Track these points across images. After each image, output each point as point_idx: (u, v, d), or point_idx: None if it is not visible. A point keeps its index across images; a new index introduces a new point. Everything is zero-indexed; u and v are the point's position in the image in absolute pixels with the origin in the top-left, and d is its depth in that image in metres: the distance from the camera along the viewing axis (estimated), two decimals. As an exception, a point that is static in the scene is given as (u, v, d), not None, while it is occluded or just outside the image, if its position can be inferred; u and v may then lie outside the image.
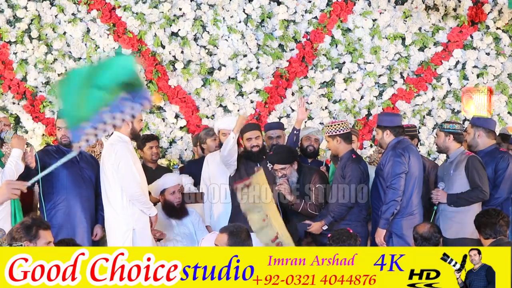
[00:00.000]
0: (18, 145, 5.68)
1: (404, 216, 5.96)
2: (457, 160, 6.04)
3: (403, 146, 6.04)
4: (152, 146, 7.06)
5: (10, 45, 8.10)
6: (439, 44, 8.60)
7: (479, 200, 5.97)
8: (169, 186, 6.25)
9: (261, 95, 8.38)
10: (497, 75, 8.62)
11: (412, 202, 5.99)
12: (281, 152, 6.20)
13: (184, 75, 8.28)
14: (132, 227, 5.68)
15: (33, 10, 8.07)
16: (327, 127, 6.15)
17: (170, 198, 6.23)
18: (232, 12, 8.38)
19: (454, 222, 5.92)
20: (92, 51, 8.17)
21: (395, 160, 5.93)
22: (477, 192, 5.92)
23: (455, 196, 5.95)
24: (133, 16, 8.21)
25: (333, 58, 8.49)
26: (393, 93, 8.56)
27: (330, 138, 6.10)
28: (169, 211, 6.27)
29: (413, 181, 5.99)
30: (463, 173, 5.98)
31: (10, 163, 5.56)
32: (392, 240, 5.96)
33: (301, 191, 6.12)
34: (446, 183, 6.06)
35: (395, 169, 5.90)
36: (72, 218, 5.98)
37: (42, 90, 8.14)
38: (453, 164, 6.05)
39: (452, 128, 6.12)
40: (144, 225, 5.74)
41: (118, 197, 5.70)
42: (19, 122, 8.10)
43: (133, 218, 5.68)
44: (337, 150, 6.12)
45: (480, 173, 5.95)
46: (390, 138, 6.10)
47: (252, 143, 6.34)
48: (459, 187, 6.00)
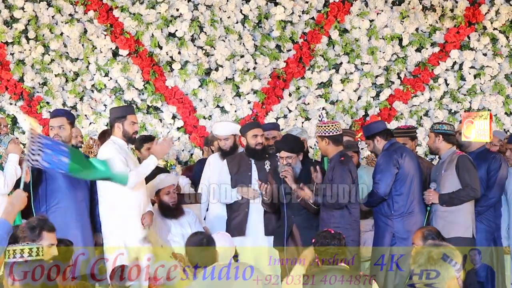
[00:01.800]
0: (15, 150, 5.69)
1: (404, 216, 5.98)
2: (448, 160, 6.07)
3: (395, 147, 6.09)
4: (150, 147, 7.05)
5: (7, 46, 8.09)
6: (436, 44, 8.61)
7: (470, 199, 6.01)
8: (163, 186, 6.23)
9: (258, 96, 8.38)
10: (494, 75, 8.64)
11: (410, 201, 6.01)
12: (289, 140, 6.18)
13: (181, 76, 8.28)
14: (123, 241, 5.70)
15: (30, 10, 8.07)
16: (317, 127, 6.12)
17: (165, 198, 6.20)
18: (229, 13, 8.38)
19: (447, 221, 5.95)
20: (89, 52, 8.16)
21: (385, 161, 5.99)
22: (468, 191, 5.95)
23: (446, 196, 5.98)
24: (130, 16, 8.21)
25: (330, 58, 8.50)
26: (390, 93, 8.57)
27: (320, 138, 6.09)
28: (164, 211, 6.25)
29: (409, 180, 6.01)
30: (454, 173, 6.01)
31: (10, 168, 5.57)
32: (396, 242, 5.97)
33: (303, 183, 6.07)
34: (438, 184, 6.09)
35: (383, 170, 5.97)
36: (67, 220, 5.95)
37: (39, 91, 8.13)
38: (444, 164, 6.09)
39: (442, 128, 6.16)
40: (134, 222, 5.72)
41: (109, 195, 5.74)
42: (16, 123, 8.09)
43: (124, 234, 5.71)
44: (326, 151, 6.10)
45: (470, 172, 5.98)
46: (381, 144, 6.15)
47: (257, 140, 6.34)
48: (450, 186, 6.02)
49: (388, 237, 6.00)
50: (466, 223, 5.96)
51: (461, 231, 5.91)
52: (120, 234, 5.68)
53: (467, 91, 8.62)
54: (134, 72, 8.22)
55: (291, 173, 6.01)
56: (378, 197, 6.02)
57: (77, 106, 8.16)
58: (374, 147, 6.21)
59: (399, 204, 6.00)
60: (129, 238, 5.67)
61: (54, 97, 8.08)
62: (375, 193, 6.03)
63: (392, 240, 5.98)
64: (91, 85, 8.21)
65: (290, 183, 6.01)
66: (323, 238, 4.78)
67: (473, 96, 8.59)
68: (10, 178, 5.54)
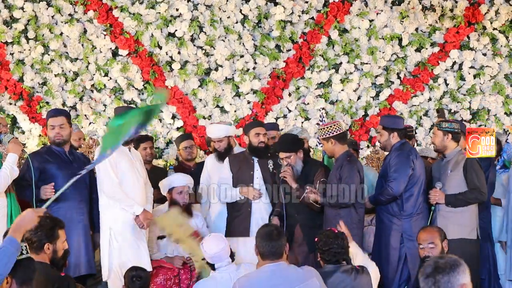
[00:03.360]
0: (14, 150, 5.66)
1: (413, 217, 5.97)
2: (455, 160, 6.01)
3: (408, 149, 6.05)
4: (146, 147, 7.04)
5: (7, 46, 8.09)
6: (436, 44, 8.61)
7: (477, 202, 5.95)
8: (177, 185, 6.25)
9: (257, 96, 8.38)
10: (494, 75, 8.64)
11: (418, 202, 6.00)
12: (286, 140, 6.16)
13: (181, 76, 8.28)
14: (109, 226, 5.71)
15: (30, 10, 8.07)
16: (320, 130, 6.09)
17: (176, 197, 6.23)
18: (229, 13, 8.38)
19: (452, 223, 5.89)
20: (89, 52, 8.16)
21: (402, 161, 5.95)
22: (475, 194, 5.89)
23: (453, 196, 5.92)
24: (130, 16, 8.21)
25: (330, 58, 8.50)
26: (390, 93, 8.57)
27: (324, 140, 6.04)
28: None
29: (420, 182, 6.00)
30: (460, 174, 5.96)
31: (5, 168, 5.53)
32: (404, 243, 5.96)
33: (305, 182, 6.08)
34: (442, 183, 6.05)
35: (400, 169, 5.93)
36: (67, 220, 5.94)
37: (38, 91, 8.13)
38: (450, 164, 6.02)
39: (451, 127, 6.08)
40: (124, 228, 5.71)
41: (102, 198, 5.78)
42: (15, 123, 8.09)
43: (112, 218, 5.72)
44: (332, 151, 6.08)
45: (478, 174, 5.93)
46: (395, 140, 6.08)
47: (259, 139, 6.34)
48: (456, 187, 5.97)
49: (397, 236, 5.98)
50: (471, 225, 5.90)
51: (466, 232, 5.86)
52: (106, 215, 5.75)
53: (466, 91, 8.62)
54: (133, 72, 8.22)
55: (290, 173, 6.00)
56: (391, 195, 5.92)
57: (76, 106, 8.17)
58: (387, 140, 6.11)
59: (409, 205, 5.97)
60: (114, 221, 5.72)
61: (54, 97, 8.08)
62: (389, 191, 5.93)
63: (401, 241, 5.97)
64: (90, 85, 8.21)
65: (290, 183, 5.99)
66: (326, 237, 4.78)
67: (472, 96, 8.59)
68: (4, 179, 5.50)
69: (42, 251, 4.07)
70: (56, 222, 4.17)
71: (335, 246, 4.70)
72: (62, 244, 4.17)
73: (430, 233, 5.09)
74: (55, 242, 4.11)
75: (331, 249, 4.69)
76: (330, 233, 4.80)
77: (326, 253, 4.70)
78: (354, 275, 4.59)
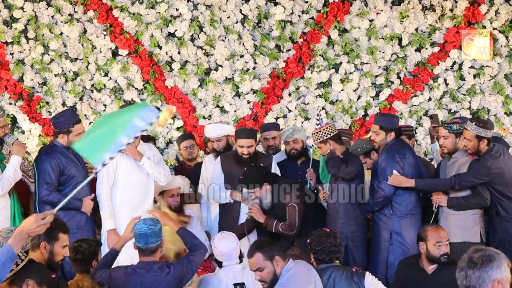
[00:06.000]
0: (18, 152, 5.63)
1: (403, 216, 5.96)
2: (460, 161, 5.94)
3: (399, 146, 6.03)
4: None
5: (7, 46, 8.09)
6: (436, 44, 8.61)
7: (479, 207, 5.89)
8: (169, 188, 6.24)
9: (257, 96, 8.38)
10: (494, 75, 8.64)
11: (409, 201, 5.98)
12: (250, 175, 5.98)
13: (181, 76, 8.28)
14: (106, 228, 5.75)
15: (29, 10, 8.06)
16: (315, 135, 6.07)
17: (168, 200, 6.21)
18: (228, 13, 8.38)
19: (456, 226, 5.84)
20: (89, 52, 8.16)
21: (389, 160, 5.95)
22: (477, 199, 5.82)
23: (455, 200, 5.88)
24: (129, 16, 8.20)
25: (329, 58, 8.50)
26: (390, 93, 8.57)
27: (322, 143, 6.03)
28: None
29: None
30: None
31: (8, 170, 5.52)
32: (392, 239, 5.95)
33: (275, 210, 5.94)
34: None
35: (387, 169, 5.93)
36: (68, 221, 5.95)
37: (38, 91, 8.13)
38: (456, 166, 5.95)
39: (460, 128, 5.93)
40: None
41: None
42: (15, 123, 8.09)
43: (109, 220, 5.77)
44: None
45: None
46: (391, 139, 6.07)
47: (242, 151, 6.25)
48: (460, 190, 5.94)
49: (386, 235, 5.98)
50: (474, 228, 5.86)
51: (469, 235, 5.83)
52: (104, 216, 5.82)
53: (466, 91, 8.62)
54: (133, 72, 8.22)
55: (255, 210, 5.93)
56: (384, 196, 5.94)
57: (76, 106, 8.16)
58: (384, 139, 6.07)
59: (399, 205, 5.97)
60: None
61: (54, 97, 8.08)
62: (380, 193, 5.96)
63: (389, 240, 5.97)
64: (90, 85, 8.21)
65: (258, 219, 5.91)
66: (319, 237, 4.79)
67: (472, 96, 8.59)
68: (7, 181, 5.50)
69: (38, 249, 4.07)
70: (59, 225, 4.16)
71: (328, 244, 4.73)
72: (61, 248, 4.14)
73: (444, 231, 5.13)
74: (53, 243, 4.10)
75: (324, 248, 4.72)
76: (322, 232, 4.84)
77: (320, 252, 4.73)
78: (347, 273, 4.62)
